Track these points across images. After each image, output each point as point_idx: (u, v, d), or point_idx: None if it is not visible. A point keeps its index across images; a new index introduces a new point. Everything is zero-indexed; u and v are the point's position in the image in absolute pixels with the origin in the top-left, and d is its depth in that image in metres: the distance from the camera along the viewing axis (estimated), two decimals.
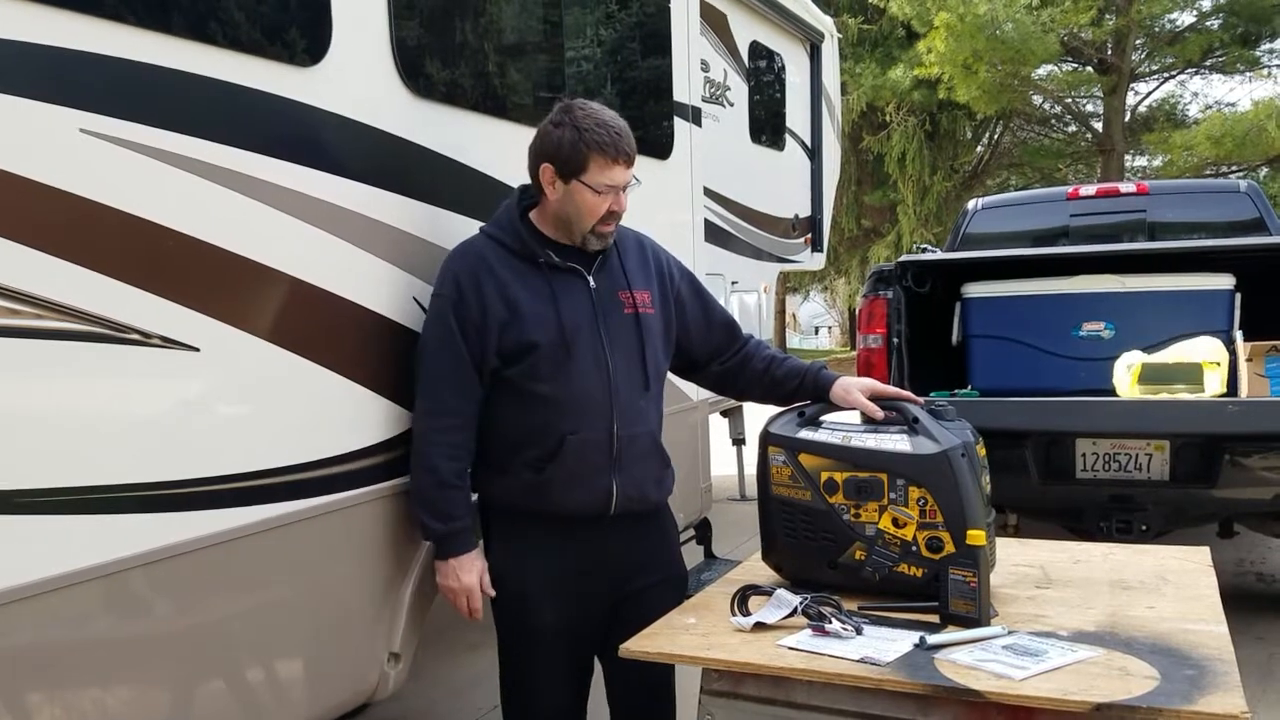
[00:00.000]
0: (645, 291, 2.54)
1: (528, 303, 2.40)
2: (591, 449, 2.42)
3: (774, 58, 5.99)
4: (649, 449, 2.55)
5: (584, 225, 2.43)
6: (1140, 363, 4.17)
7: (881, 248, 18.42)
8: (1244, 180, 7.16)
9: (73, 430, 1.85)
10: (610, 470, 2.44)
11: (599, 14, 3.69)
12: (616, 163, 2.38)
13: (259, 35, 2.22)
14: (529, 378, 2.40)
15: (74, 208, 1.83)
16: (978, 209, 6.61)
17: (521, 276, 2.43)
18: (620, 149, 2.38)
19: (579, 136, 2.35)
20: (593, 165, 2.36)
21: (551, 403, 2.40)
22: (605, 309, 2.46)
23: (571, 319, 2.41)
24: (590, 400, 2.41)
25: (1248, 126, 14.29)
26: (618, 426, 2.43)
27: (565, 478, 2.41)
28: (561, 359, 2.39)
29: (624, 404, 2.45)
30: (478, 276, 2.42)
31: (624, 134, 2.40)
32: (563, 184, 2.40)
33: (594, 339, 2.43)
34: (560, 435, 2.40)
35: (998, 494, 2.41)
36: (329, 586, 2.44)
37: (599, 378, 2.42)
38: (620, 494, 2.46)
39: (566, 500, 2.43)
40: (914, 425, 2.26)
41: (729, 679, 1.98)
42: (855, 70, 16.56)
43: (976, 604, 2.03)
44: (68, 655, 1.87)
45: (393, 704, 2.74)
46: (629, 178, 2.43)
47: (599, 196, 2.39)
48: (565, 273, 2.45)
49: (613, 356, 2.44)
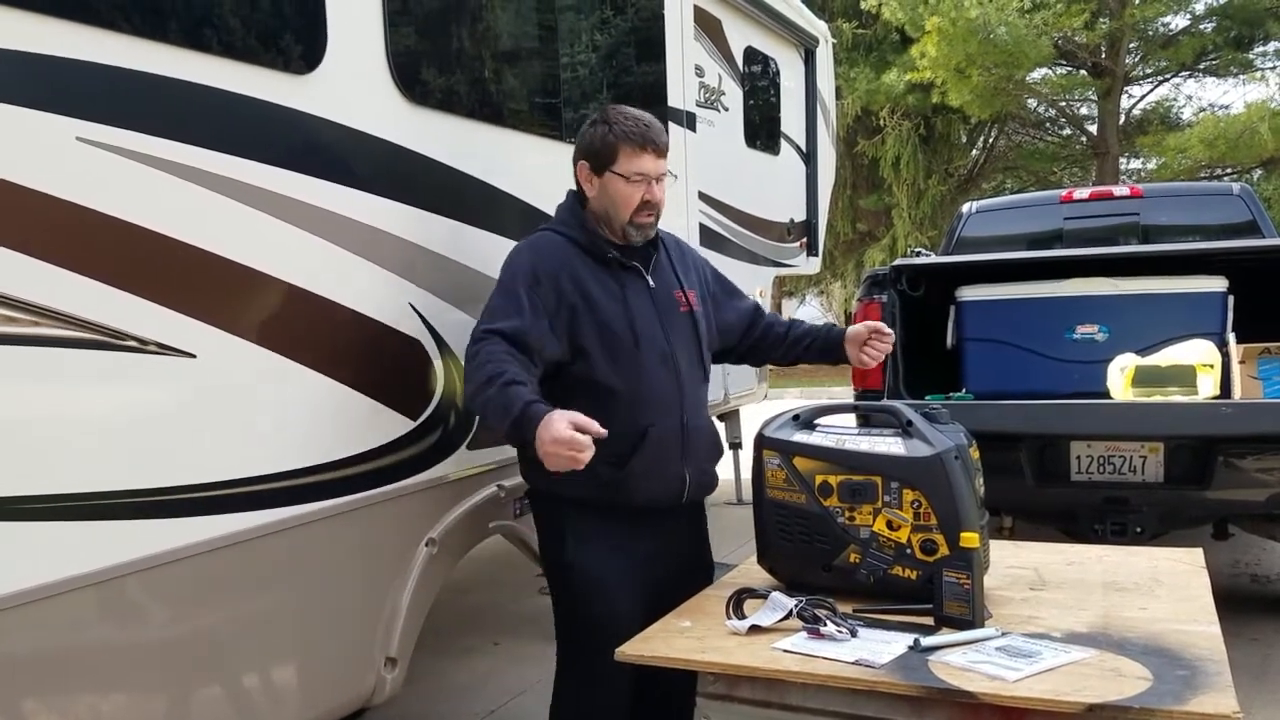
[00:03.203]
0: (693, 291, 2.68)
1: (600, 296, 2.49)
2: (669, 440, 2.53)
3: (769, 63, 6.00)
4: (711, 438, 2.71)
5: (622, 217, 2.51)
6: (1134, 365, 4.18)
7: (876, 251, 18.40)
8: (1237, 183, 7.17)
9: (70, 437, 1.85)
10: (682, 460, 2.56)
11: (594, 20, 3.70)
12: (645, 150, 2.48)
13: (254, 43, 2.23)
14: (603, 373, 2.48)
15: (71, 215, 1.84)
16: (972, 212, 6.62)
17: (592, 272, 2.51)
18: (648, 138, 2.48)
19: (609, 130, 2.49)
20: (622, 155, 2.47)
21: (627, 397, 2.48)
22: (663, 306, 2.58)
23: (640, 315, 2.51)
24: (664, 393, 2.53)
25: (1240, 129, 14.29)
26: (687, 418, 2.56)
27: (644, 470, 2.50)
28: (634, 354, 2.49)
29: (689, 396, 2.58)
30: (552, 265, 2.49)
31: (653, 126, 2.51)
32: (598, 179, 2.52)
33: (658, 334, 2.54)
34: (642, 428, 2.48)
35: (992, 496, 2.41)
36: (326, 591, 2.44)
37: (668, 372, 2.54)
38: (691, 482, 2.59)
39: (645, 491, 2.52)
40: (908, 428, 2.27)
41: (724, 682, 1.98)
42: (850, 75, 16.56)
43: (970, 606, 2.04)
44: (65, 661, 1.87)
45: (389, 709, 2.75)
46: (661, 168, 2.52)
47: (631, 185, 2.48)
48: (629, 271, 2.54)
49: (676, 351, 2.56)
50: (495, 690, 4.09)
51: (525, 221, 3.07)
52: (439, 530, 2.77)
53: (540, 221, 2.67)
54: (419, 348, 2.69)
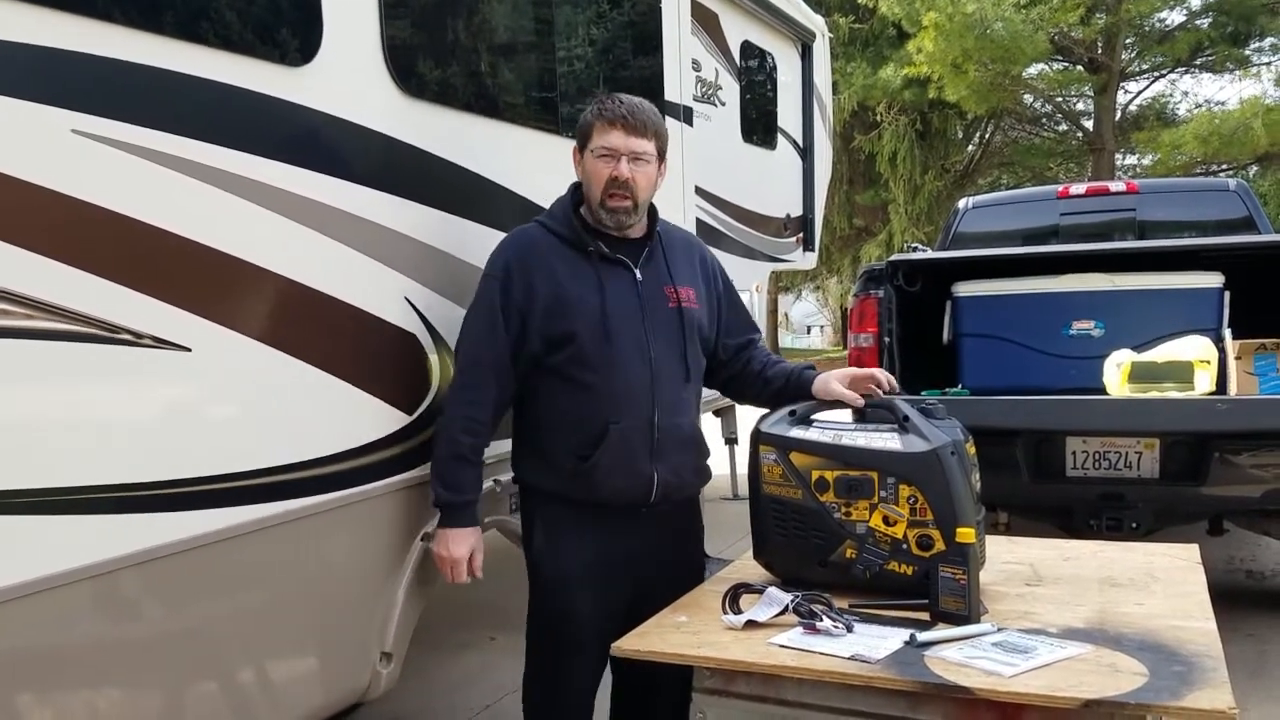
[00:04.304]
0: (689, 288, 2.60)
1: (573, 289, 2.46)
2: (634, 438, 2.47)
3: (766, 57, 5.99)
4: (689, 439, 2.61)
5: (595, 196, 2.48)
6: (1130, 361, 4.18)
7: (873, 247, 18.42)
8: (1233, 179, 7.18)
9: (63, 431, 1.85)
10: (650, 459, 2.49)
11: (590, 13, 3.69)
12: (614, 126, 2.45)
13: (250, 35, 2.21)
14: (574, 365, 2.46)
15: (66, 208, 1.83)
16: (968, 208, 6.63)
17: (570, 264, 2.48)
18: (618, 114, 2.45)
19: (591, 110, 2.49)
20: (595, 132, 2.47)
21: (595, 391, 2.45)
22: (649, 301, 2.52)
23: (616, 308, 2.47)
24: (633, 390, 2.47)
25: (1234, 125, 14.33)
26: (658, 416, 2.49)
27: (608, 466, 2.46)
28: (603, 347, 2.45)
29: (665, 394, 2.51)
30: (527, 261, 2.48)
31: (631, 105, 2.47)
32: (580, 159, 2.52)
33: (637, 329, 2.48)
34: (604, 424, 2.45)
35: (988, 492, 2.42)
36: (321, 586, 2.44)
37: (641, 368, 2.48)
38: (660, 482, 2.51)
39: (609, 488, 2.48)
40: (904, 424, 2.27)
41: (720, 677, 1.98)
42: (846, 69, 16.54)
43: (966, 601, 2.04)
44: (58, 656, 1.87)
45: (384, 704, 2.74)
46: (633, 146, 2.45)
47: (598, 160, 2.45)
48: (613, 264, 2.50)
49: (654, 347, 2.50)
50: (490, 685, 4.08)
51: (521, 215, 3.06)
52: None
53: (534, 214, 2.66)
54: (414, 341, 2.68)
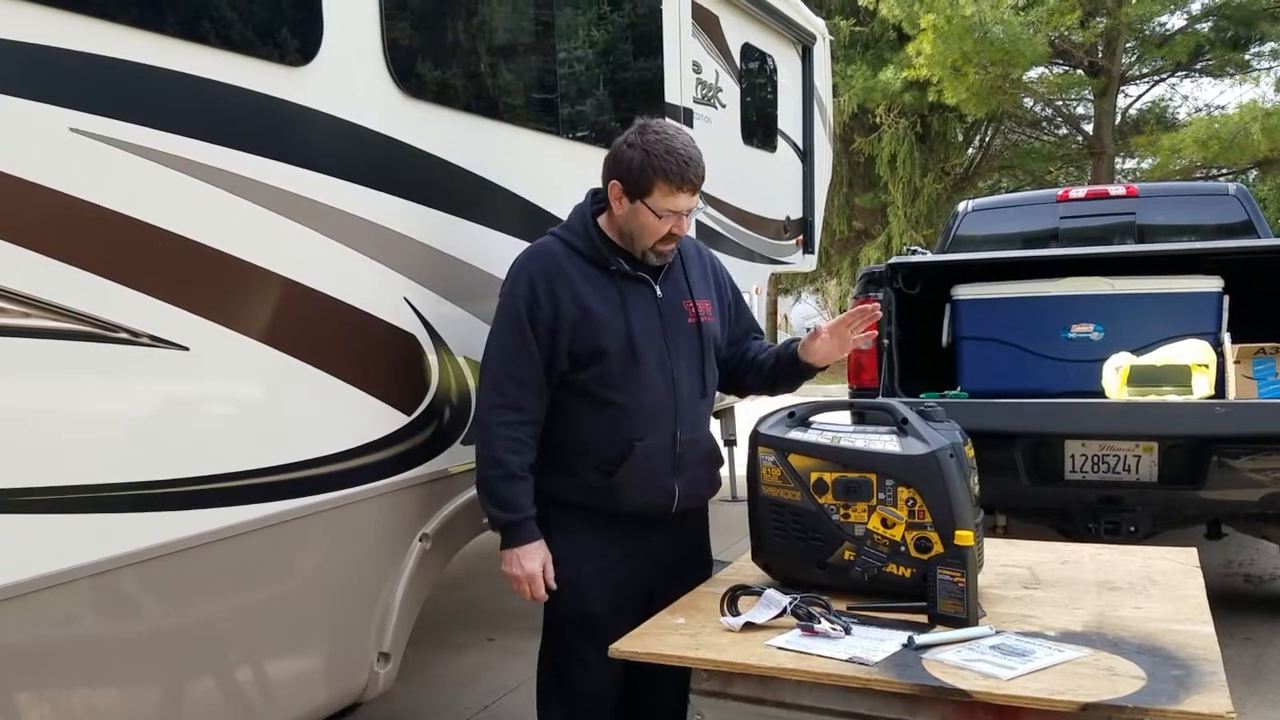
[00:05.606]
0: (705, 300, 2.63)
1: (599, 308, 2.46)
2: (657, 454, 2.51)
3: (766, 59, 5.99)
4: (707, 451, 2.66)
5: (644, 243, 2.49)
6: (1129, 365, 4.19)
7: (872, 249, 18.40)
8: (1233, 183, 7.18)
9: (61, 429, 1.84)
10: (673, 474, 2.53)
11: (591, 15, 3.69)
12: (681, 190, 2.44)
13: (250, 35, 2.22)
14: (599, 384, 2.47)
15: (64, 206, 1.83)
16: (968, 211, 6.63)
17: (593, 281, 2.48)
18: (685, 177, 2.43)
19: (647, 160, 2.41)
20: (657, 190, 2.42)
21: (620, 409, 2.47)
22: (670, 318, 2.53)
23: (641, 327, 2.48)
24: (657, 408, 2.50)
25: (1233, 129, 14.32)
26: (680, 432, 2.53)
27: (633, 481, 2.49)
28: (630, 366, 2.46)
29: (686, 411, 2.54)
30: (551, 278, 2.47)
31: (692, 162, 2.44)
32: (629, 202, 2.46)
33: (660, 348, 2.50)
34: (629, 442, 2.48)
35: (986, 495, 2.42)
36: (319, 586, 2.43)
37: (664, 386, 2.50)
38: (681, 495, 2.56)
39: (633, 502, 2.52)
40: (903, 426, 2.27)
41: (718, 679, 1.98)
42: (846, 72, 16.54)
43: (964, 604, 2.04)
44: (58, 655, 1.86)
45: (382, 704, 2.74)
46: (692, 204, 2.48)
47: (660, 220, 2.45)
48: (634, 281, 2.51)
49: (676, 365, 2.52)
50: (488, 685, 4.09)
51: (520, 216, 3.07)
52: (433, 525, 2.76)
53: (535, 217, 2.66)
54: (413, 342, 2.68)
